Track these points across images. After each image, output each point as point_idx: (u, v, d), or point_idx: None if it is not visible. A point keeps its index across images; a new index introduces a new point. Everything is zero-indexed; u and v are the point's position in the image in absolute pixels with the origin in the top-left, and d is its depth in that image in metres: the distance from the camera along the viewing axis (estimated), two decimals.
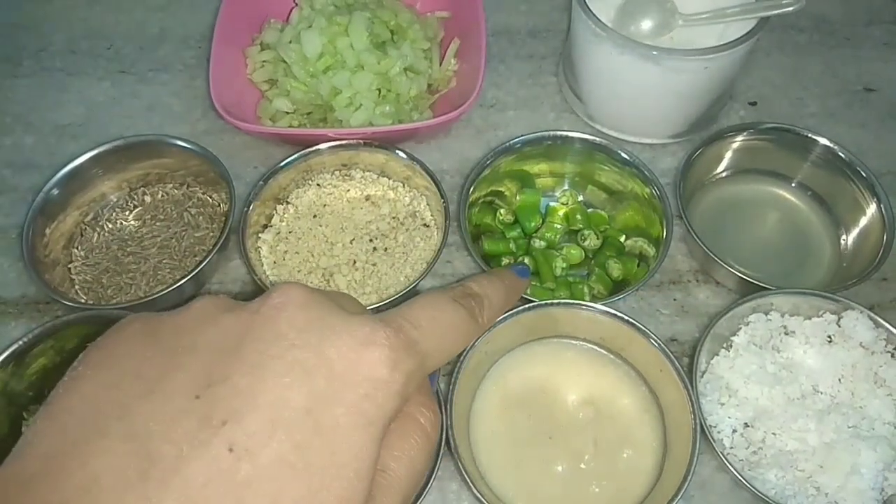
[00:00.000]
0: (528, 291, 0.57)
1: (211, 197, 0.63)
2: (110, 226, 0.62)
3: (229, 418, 0.26)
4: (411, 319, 0.34)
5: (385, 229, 0.61)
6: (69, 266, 0.59)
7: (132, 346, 0.29)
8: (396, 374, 0.31)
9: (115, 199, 0.63)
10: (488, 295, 0.40)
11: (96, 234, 0.61)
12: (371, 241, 0.60)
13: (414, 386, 0.32)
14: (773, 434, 0.50)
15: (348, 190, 0.63)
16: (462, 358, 0.49)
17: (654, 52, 0.58)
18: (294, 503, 0.25)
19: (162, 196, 0.63)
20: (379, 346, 0.31)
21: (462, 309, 0.38)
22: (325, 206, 0.62)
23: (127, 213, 0.63)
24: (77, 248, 0.60)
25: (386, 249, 0.59)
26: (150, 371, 0.28)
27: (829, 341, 0.53)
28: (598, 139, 0.61)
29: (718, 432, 0.50)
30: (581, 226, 0.61)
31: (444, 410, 0.47)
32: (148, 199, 0.63)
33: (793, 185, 0.65)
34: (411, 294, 0.58)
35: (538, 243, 0.60)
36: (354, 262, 0.59)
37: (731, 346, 0.54)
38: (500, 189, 0.63)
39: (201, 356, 0.28)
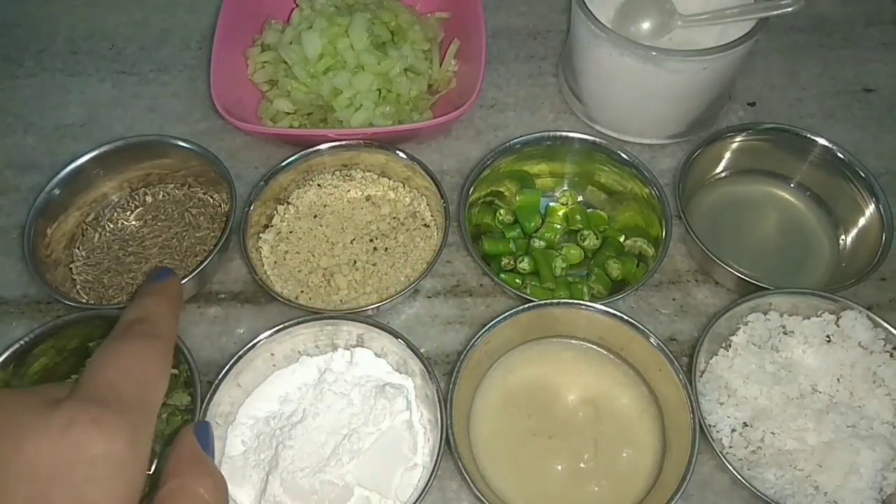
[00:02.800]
0: (529, 291, 0.57)
1: (212, 197, 0.63)
2: (111, 226, 0.62)
3: None
4: (102, 383, 0.33)
5: (385, 229, 0.61)
6: (70, 266, 0.60)
7: None
8: (116, 443, 0.30)
9: (116, 199, 0.63)
10: (147, 309, 0.40)
11: (97, 235, 0.61)
12: (371, 241, 0.60)
13: (145, 441, 0.32)
14: (772, 433, 0.50)
15: (349, 190, 0.63)
16: (462, 358, 0.50)
17: (654, 53, 0.58)
18: None
19: (163, 196, 0.64)
20: (82, 426, 0.30)
21: (134, 337, 0.37)
22: (325, 206, 0.62)
23: (128, 213, 0.63)
24: (78, 249, 0.61)
25: (386, 249, 0.60)
26: None
27: (828, 341, 0.53)
28: (597, 140, 0.61)
29: (717, 432, 0.50)
30: (581, 226, 0.61)
31: (444, 410, 0.48)
32: (149, 199, 0.63)
33: (792, 185, 0.65)
34: (411, 294, 0.58)
35: (538, 243, 0.60)
36: (355, 262, 0.59)
37: (730, 345, 0.54)
38: (500, 189, 0.63)
39: None
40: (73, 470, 0.29)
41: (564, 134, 0.62)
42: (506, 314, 0.51)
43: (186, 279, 0.54)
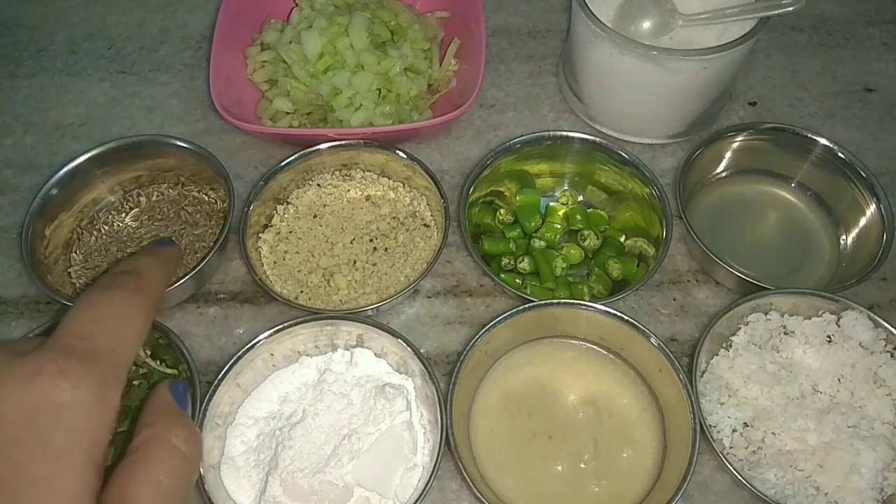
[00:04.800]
0: (529, 291, 0.57)
1: (207, 195, 0.63)
2: (107, 228, 0.62)
3: None
4: (75, 332, 0.34)
5: (385, 229, 0.61)
6: (69, 270, 0.59)
7: None
8: (81, 391, 0.31)
9: (112, 200, 0.62)
10: (138, 264, 0.41)
11: (93, 238, 0.61)
12: (371, 240, 0.60)
13: (113, 393, 0.32)
14: (773, 434, 0.50)
15: (348, 190, 0.63)
16: (462, 358, 0.49)
17: (654, 53, 0.58)
18: None
19: (157, 197, 0.63)
20: (48, 375, 0.30)
21: (118, 290, 0.38)
22: (325, 206, 0.62)
23: (123, 214, 0.62)
24: (75, 253, 0.60)
25: (386, 249, 0.60)
26: None
27: (829, 341, 0.53)
28: (597, 139, 0.61)
29: (718, 432, 0.50)
30: (581, 226, 0.61)
31: (444, 410, 0.48)
32: (143, 199, 0.63)
33: (792, 185, 0.65)
34: (411, 294, 0.58)
35: (538, 243, 0.60)
36: (354, 261, 0.59)
37: (730, 345, 0.54)
38: (500, 189, 0.63)
39: None
40: (38, 416, 0.30)
41: (564, 133, 0.62)
42: (506, 314, 0.51)
43: (187, 277, 0.54)
